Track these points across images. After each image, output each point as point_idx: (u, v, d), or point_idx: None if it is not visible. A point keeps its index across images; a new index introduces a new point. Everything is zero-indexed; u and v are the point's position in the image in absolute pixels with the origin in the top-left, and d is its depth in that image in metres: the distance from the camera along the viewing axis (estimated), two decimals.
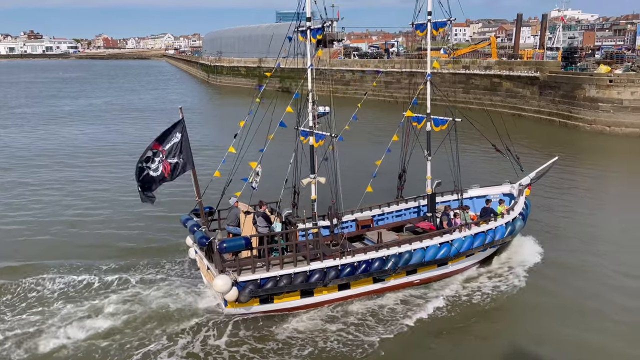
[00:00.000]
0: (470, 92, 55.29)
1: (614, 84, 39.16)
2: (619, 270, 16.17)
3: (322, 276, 13.70)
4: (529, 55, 59.69)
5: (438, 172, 17.78)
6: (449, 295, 14.89)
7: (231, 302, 13.33)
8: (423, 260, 14.83)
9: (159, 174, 12.99)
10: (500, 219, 16.38)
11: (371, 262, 14.21)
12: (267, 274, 13.33)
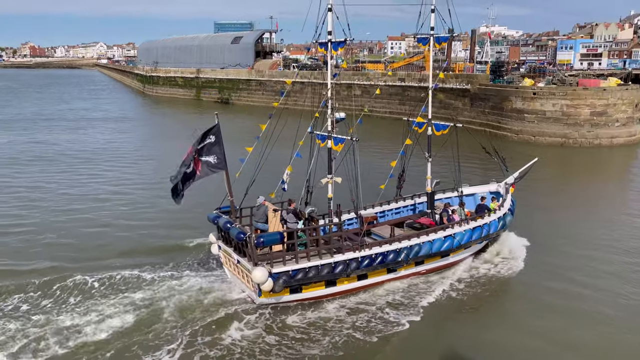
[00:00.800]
0: (406, 103, 57.09)
1: (537, 96, 41.74)
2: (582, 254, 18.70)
3: (345, 267, 15.00)
4: (461, 69, 62.44)
5: (431, 173, 19.09)
6: (452, 282, 16.45)
7: (265, 292, 14.35)
8: (430, 252, 16.38)
9: (191, 171, 14.03)
10: (493, 214, 18.02)
11: (386, 254, 15.59)
12: (298, 266, 14.47)
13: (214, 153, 14.29)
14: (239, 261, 14.96)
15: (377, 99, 59.97)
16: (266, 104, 72.59)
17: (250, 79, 76.19)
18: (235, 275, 15.62)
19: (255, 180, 16.05)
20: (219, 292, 15.48)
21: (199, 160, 14.11)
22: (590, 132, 40.10)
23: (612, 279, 16.62)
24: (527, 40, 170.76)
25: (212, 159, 14.32)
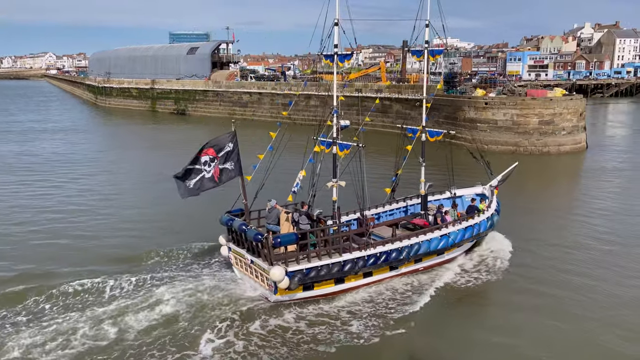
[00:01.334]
0: (364, 114, 57.73)
1: (489, 106, 43.11)
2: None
3: (353, 265, 15.84)
4: (415, 80, 63.81)
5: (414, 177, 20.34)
6: (449, 278, 17.39)
7: (281, 290, 14.99)
8: (428, 250, 17.32)
9: (210, 177, 15.03)
10: (482, 215, 19.10)
11: (389, 252, 16.46)
12: (311, 265, 15.19)
13: (231, 160, 15.39)
14: (252, 261, 15.64)
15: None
16: (223, 114, 71.98)
17: (207, 90, 75.34)
18: (248, 275, 16.29)
19: (264, 184, 17.02)
20: (233, 291, 15.92)
21: (217, 167, 15.03)
22: (539, 140, 41.66)
23: (586, 276, 17.54)
24: (479, 52, 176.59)
25: (229, 165, 15.44)
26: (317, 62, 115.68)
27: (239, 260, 16.46)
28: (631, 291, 16.24)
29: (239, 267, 16.71)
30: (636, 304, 15.47)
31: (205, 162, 14.97)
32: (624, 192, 29.40)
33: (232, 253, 16.69)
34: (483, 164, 21.33)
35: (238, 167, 15.55)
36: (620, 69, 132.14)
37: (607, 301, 15.66)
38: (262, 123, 64.78)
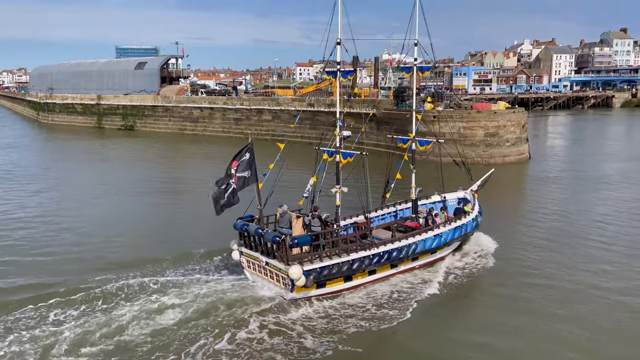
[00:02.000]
0: (317, 128, 58.10)
1: (437, 119, 44.35)
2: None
3: (361, 264, 17.00)
4: (366, 94, 64.88)
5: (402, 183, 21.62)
6: (443, 274, 18.80)
7: (297, 288, 16.05)
8: (424, 248, 18.70)
9: (235, 187, 16.42)
10: (468, 216, 20.70)
11: (391, 252, 17.70)
12: (324, 264, 16.30)
13: (249, 168, 16.69)
14: (267, 263, 16.67)
15: (288, 123, 60.49)
16: (173, 130, 70.59)
17: (157, 105, 73.76)
18: (261, 277, 17.24)
19: (272, 192, 18.41)
20: (248, 292, 16.83)
21: (235, 175, 16.48)
22: (485, 151, 43.16)
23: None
24: (427, 67, 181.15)
25: (247, 174, 16.70)
26: (270, 76, 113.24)
27: (252, 263, 17.43)
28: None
29: (252, 270, 17.63)
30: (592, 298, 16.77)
31: (231, 174, 16.46)
32: (567, 198, 30.99)
33: (244, 257, 17.59)
34: (465, 171, 23.21)
35: (254, 174, 16.89)
36: (557, 83, 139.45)
37: (568, 297, 16.86)
38: (214, 138, 63.97)
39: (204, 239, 21.59)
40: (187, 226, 24.51)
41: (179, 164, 47.70)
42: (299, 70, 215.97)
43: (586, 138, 65.23)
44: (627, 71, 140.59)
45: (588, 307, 16.09)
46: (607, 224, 24.67)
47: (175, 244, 21.37)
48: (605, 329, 14.83)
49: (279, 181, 19.00)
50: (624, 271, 18.81)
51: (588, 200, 29.98)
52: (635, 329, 14.81)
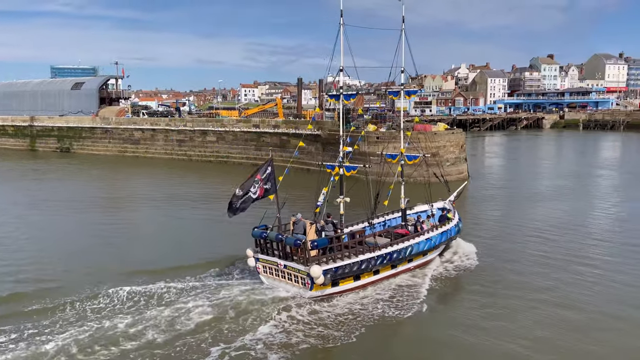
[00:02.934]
0: (262, 149, 57.89)
1: (380, 140, 45.35)
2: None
3: (368, 264, 18.88)
4: (311, 115, 65.60)
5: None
6: (434, 274, 20.89)
7: (316, 286, 17.71)
8: (419, 250, 20.78)
9: (256, 196, 18.67)
10: (451, 222, 22.94)
11: (392, 253, 19.62)
12: (338, 264, 18.12)
13: (270, 181, 18.93)
14: (285, 266, 18.34)
15: (233, 145, 59.97)
16: (113, 152, 68.20)
17: (95, 127, 71.09)
18: (278, 280, 18.78)
19: (285, 202, 19.95)
20: (268, 294, 18.21)
21: (262, 187, 18.72)
22: (426, 171, 44.41)
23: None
24: (369, 89, 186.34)
25: (269, 186, 18.92)
26: (214, 97, 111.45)
27: (268, 267, 18.99)
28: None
29: (268, 275, 19.15)
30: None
31: (255, 185, 18.63)
32: (505, 214, 32.23)
33: (260, 263, 19.13)
34: (443, 184, 25.96)
35: (274, 186, 19.08)
36: (492, 105, 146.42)
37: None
38: (156, 160, 62.33)
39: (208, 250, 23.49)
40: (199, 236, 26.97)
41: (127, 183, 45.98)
42: (244, 91, 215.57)
43: (520, 157, 68.62)
44: (554, 94, 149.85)
45: (524, 315, 17.03)
46: (543, 237, 26.05)
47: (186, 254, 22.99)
48: (540, 337, 15.42)
49: (287, 192, 21.70)
50: (557, 282, 19.75)
51: (523, 215, 31.32)
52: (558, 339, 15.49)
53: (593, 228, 28.27)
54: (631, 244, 24.87)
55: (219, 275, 20.18)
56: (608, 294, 18.58)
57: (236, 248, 21.75)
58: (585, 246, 24.48)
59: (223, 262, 21.64)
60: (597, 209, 33.61)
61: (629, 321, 16.56)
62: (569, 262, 22.10)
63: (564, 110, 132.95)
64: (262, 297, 17.97)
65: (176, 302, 17.47)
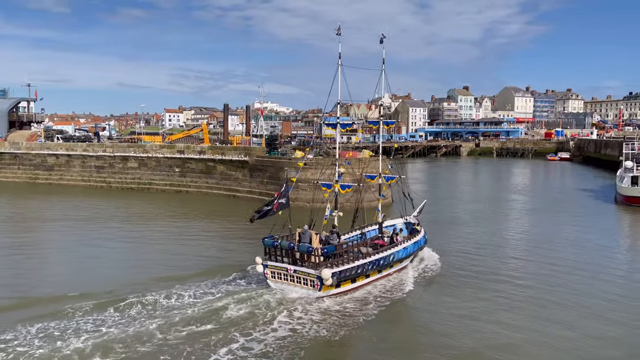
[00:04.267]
0: (187, 175, 56.36)
1: (308, 166, 45.66)
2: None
3: (364, 268, 21.83)
4: (238, 141, 65.01)
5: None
6: (412, 276, 24.24)
7: (325, 287, 20.37)
8: (399, 257, 23.91)
9: (271, 209, 21.53)
10: (420, 234, 26.15)
11: (379, 260, 22.60)
12: (341, 268, 20.81)
13: (285, 196, 21.92)
14: (295, 270, 20.85)
15: (156, 171, 57.90)
16: (23, 179, 63.51)
17: (3, 152, 66.02)
18: (287, 283, 21.18)
19: (290, 215, 22.30)
20: (278, 296, 20.59)
21: (277, 201, 21.64)
22: (352, 197, 45.05)
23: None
24: (297, 116, 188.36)
25: (283, 200, 21.78)
26: (136, 122, 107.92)
27: (277, 273, 21.37)
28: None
29: (276, 279, 21.47)
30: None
31: (274, 200, 21.78)
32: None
33: (269, 269, 21.45)
34: (409, 200, 28.74)
35: (287, 202, 21.97)
36: (414, 134, 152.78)
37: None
38: (71, 188, 58.71)
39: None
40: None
41: None
42: (169, 116, 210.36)
43: (440, 183, 71.72)
44: (470, 124, 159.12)
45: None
46: (467, 256, 27.54)
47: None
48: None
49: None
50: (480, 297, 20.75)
51: (445, 237, 32.54)
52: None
53: (510, 246, 30.47)
54: (546, 262, 26.76)
55: (224, 283, 22.43)
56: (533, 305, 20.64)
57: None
58: (504, 263, 26.79)
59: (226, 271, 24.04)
60: (513, 230, 35.82)
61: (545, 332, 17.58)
62: (494, 278, 23.50)
63: (479, 138, 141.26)
64: (272, 298, 20.44)
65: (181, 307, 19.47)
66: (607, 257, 28.51)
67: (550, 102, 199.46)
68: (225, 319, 18.42)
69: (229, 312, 18.95)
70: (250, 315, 18.77)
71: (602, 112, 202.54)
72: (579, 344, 17.19)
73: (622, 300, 21.22)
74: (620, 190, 48.34)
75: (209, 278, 22.81)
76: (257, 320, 18.42)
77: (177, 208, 45.96)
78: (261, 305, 19.64)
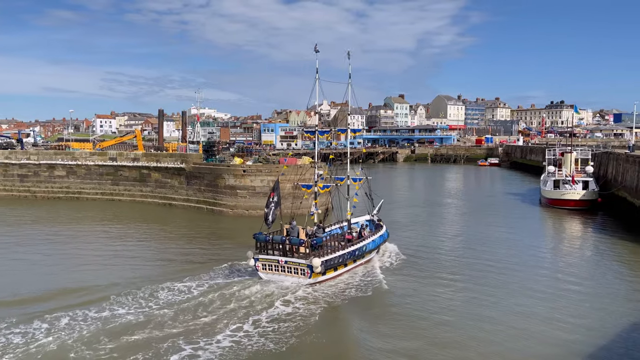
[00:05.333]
0: (120, 183, 54.11)
1: (247, 173, 45.13)
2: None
3: (344, 258, 24.96)
4: (174, 148, 63.28)
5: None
6: (380, 266, 27.19)
7: (314, 274, 23.12)
8: (370, 248, 27.28)
9: (275, 209, 24.95)
10: (383, 229, 29.70)
11: (355, 250, 25.80)
12: (328, 257, 23.88)
13: (278, 196, 25.04)
14: (286, 261, 23.53)
15: (86, 179, 55.17)
16: None
17: None
18: (277, 273, 23.83)
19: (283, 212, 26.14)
20: (270, 284, 23.21)
21: (273, 201, 24.71)
22: (293, 203, 45.03)
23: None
24: (235, 122, 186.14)
25: (276, 199, 25.00)
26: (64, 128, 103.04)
27: (268, 264, 23.99)
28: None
29: (267, 271, 24.08)
30: None
31: (270, 202, 24.80)
32: None
33: (260, 262, 24.02)
34: (370, 200, 32.35)
35: (279, 201, 25.32)
36: (353, 140, 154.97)
37: None
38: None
39: None
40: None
41: None
42: (100, 122, 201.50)
43: (378, 188, 73.02)
44: (406, 131, 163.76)
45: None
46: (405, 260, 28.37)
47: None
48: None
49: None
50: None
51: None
52: None
53: (445, 248, 31.55)
54: (479, 261, 27.96)
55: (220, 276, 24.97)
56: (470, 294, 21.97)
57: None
58: (440, 263, 28.05)
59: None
60: (450, 232, 37.24)
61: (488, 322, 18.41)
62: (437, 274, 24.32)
63: (415, 145, 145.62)
64: (267, 287, 22.87)
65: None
66: (533, 255, 30.41)
67: (480, 110, 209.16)
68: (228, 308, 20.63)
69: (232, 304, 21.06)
70: (247, 304, 21.09)
71: (527, 119, 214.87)
72: (505, 336, 18.39)
73: (546, 296, 22.64)
74: (544, 193, 51.38)
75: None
76: (255, 307, 20.75)
77: (111, 218, 43.97)
78: (254, 295, 21.97)
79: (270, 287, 22.89)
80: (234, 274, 25.28)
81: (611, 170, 52.13)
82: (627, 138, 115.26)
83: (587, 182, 48.64)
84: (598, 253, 31.38)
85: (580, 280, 25.16)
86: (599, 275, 26.22)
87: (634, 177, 40.79)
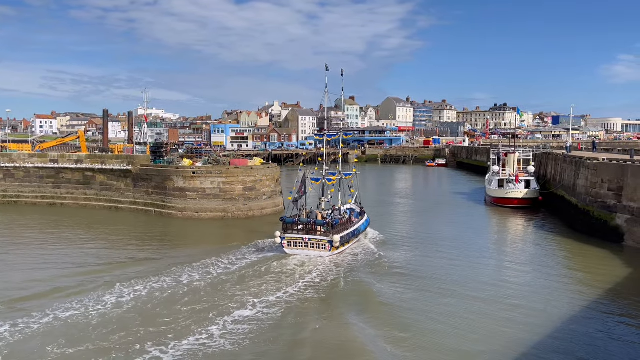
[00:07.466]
0: (62, 186, 51.78)
1: (197, 175, 44.25)
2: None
3: (352, 234, 31.87)
4: (120, 149, 61.18)
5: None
6: (363, 248, 32.21)
7: (334, 248, 29.39)
8: (361, 231, 33.82)
9: (299, 195, 31.91)
10: (366, 215, 36.54)
11: (356, 230, 32.74)
12: (343, 234, 30.26)
13: (305, 187, 31.86)
14: (310, 238, 29.52)
15: (25, 182, 52.43)
16: None
17: None
18: (302, 249, 29.68)
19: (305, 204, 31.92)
20: (296, 258, 28.92)
21: (302, 190, 31.65)
22: (245, 205, 44.64)
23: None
24: (185, 123, 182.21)
25: (304, 189, 31.71)
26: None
27: (293, 242, 29.81)
28: None
29: (292, 247, 29.84)
30: None
31: (299, 192, 31.14)
32: None
33: (286, 240, 29.74)
34: (355, 192, 38.29)
35: (305, 190, 31.96)
36: (304, 141, 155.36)
37: None
38: None
39: None
40: None
41: None
42: (40, 122, 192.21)
43: None
44: (357, 132, 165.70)
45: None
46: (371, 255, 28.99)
47: None
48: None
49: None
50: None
51: None
52: None
53: (398, 245, 32.28)
54: (430, 256, 29.00)
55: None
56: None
57: None
58: (394, 261, 28.97)
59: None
60: (402, 231, 37.92)
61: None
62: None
63: (365, 146, 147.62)
64: (294, 259, 28.71)
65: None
66: (478, 251, 32.10)
67: (428, 112, 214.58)
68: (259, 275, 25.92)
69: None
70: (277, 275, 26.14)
71: (472, 121, 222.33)
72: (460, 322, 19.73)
73: (491, 289, 24.05)
74: (489, 192, 53.29)
75: None
76: (281, 278, 25.66)
77: (49, 223, 41.97)
78: (281, 265, 27.66)
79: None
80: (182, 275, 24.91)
81: (550, 170, 54.78)
82: (564, 140, 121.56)
83: (529, 182, 50.88)
84: (539, 246, 33.36)
85: (523, 268, 27.78)
86: (540, 264, 28.86)
87: (571, 176, 43.03)
